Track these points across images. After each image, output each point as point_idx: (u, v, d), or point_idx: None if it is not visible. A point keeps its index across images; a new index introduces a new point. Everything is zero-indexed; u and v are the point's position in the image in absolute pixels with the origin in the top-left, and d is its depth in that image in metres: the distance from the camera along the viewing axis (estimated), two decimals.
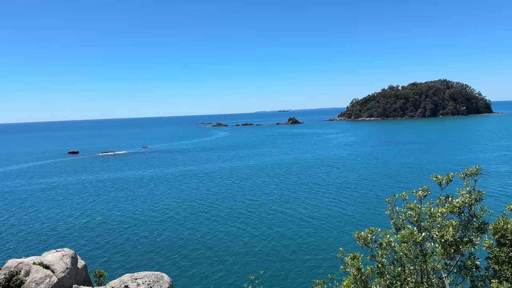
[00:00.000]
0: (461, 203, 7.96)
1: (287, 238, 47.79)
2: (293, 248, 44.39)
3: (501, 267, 7.05)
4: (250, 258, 42.14)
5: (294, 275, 37.59)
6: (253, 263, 40.68)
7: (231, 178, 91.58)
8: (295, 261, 40.84)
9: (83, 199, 74.83)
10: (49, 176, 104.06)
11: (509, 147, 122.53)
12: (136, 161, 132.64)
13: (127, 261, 42.54)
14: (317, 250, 43.54)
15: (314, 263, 39.98)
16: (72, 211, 65.64)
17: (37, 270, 21.23)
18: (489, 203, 25.74)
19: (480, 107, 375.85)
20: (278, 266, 39.67)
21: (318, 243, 45.55)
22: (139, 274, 22.64)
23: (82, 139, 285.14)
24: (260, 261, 41.30)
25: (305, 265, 39.65)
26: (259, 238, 48.46)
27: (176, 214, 61.00)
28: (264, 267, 39.25)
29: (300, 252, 43.21)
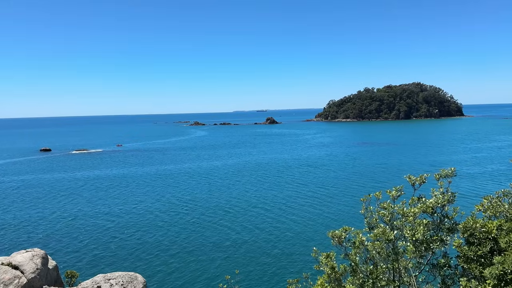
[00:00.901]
0: (434, 204, 8.14)
1: (264, 238, 47.91)
2: (269, 248, 44.53)
3: (470, 265, 7.24)
4: (226, 258, 42.03)
5: (270, 275, 37.71)
6: (229, 263, 40.59)
7: (209, 177, 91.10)
8: (271, 260, 40.97)
9: (55, 198, 72.91)
10: (19, 174, 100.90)
11: (479, 149, 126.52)
12: (110, 159, 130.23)
13: (100, 262, 41.71)
14: (293, 249, 43.81)
15: (290, 262, 40.22)
16: (44, 210, 63.88)
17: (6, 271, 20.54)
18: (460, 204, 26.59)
19: (452, 110, 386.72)
20: (254, 266, 39.71)
21: (294, 242, 45.84)
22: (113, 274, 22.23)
23: (55, 136, 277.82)
24: (236, 260, 41.25)
25: (281, 264, 39.84)
26: (235, 238, 48.39)
27: (151, 214, 60.23)
28: (240, 266, 39.21)
29: (276, 251, 43.38)
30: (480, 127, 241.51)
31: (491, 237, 7.14)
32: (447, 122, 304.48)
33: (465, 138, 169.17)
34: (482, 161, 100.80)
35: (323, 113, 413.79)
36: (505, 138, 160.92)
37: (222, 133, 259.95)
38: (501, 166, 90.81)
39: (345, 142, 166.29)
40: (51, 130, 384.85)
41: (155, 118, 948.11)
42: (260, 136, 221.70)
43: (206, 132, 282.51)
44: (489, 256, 7.14)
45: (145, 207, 64.29)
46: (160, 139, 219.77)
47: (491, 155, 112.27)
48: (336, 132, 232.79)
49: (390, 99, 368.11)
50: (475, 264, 7.24)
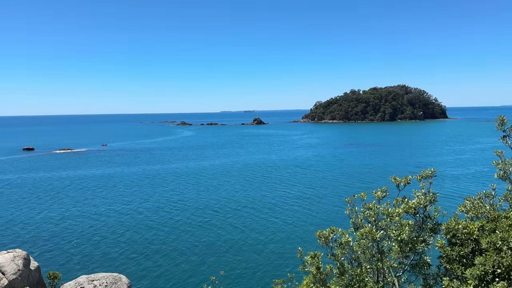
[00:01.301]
0: (417, 204, 8.26)
1: (252, 238, 47.88)
2: (258, 248, 44.52)
3: (452, 265, 7.35)
4: (214, 259, 41.88)
5: (257, 275, 37.70)
6: (216, 264, 40.44)
7: (197, 177, 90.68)
8: (259, 260, 40.97)
9: (37, 198, 71.70)
10: (1, 173, 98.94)
11: (463, 151, 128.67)
12: (95, 159, 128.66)
13: (83, 262, 41.14)
14: (281, 249, 43.88)
15: (277, 262, 40.28)
16: (25, 210, 62.73)
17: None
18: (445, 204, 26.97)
19: (436, 112, 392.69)
20: (241, 266, 39.66)
21: (283, 243, 45.92)
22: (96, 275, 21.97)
23: (38, 135, 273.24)
24: (224, 261, 41.14)
25: (269, 265, 39.87)
26: (224, 238, 48.25)
27: (137, 214, 59.68)
28: (225, 267, 39.11)
29: (264, 251, 43.40)
30: (464, 129, 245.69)
31: (472, 238, 7.27)
32: (431, 124, 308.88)
33: (449, 140, 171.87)
34: (466, 163, 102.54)
35: (309, 114, 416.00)
36: (488, 140, 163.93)
37: (209, 134, 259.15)
38: (484, 167, 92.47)
39: (332, 143, 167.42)
40: (36, 129, 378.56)
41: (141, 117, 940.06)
42: (247, 137, 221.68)
43: (193, 132, 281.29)
44: (471, 256, 7.26)
45: (131, 207, 63.68)
46: (146, 139, 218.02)
47: (474, 157, 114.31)
48: (323, 133, 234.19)
49: (376, 101, 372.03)
50: (457, 264, 7.36)
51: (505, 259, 6.49)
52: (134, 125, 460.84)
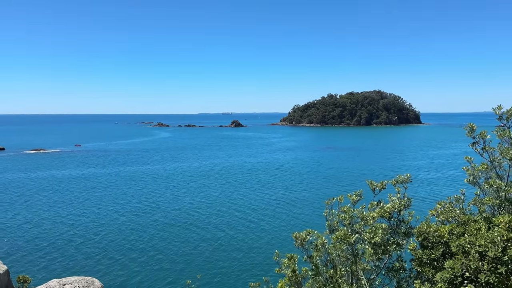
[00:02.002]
0: (391, 209, 8.43)
1: (229, 241, 47.70)
2: (235, 251, 44.39)
3: (423, 268, 7.53)
4: (189, 262, 41.51)
5: (233, 278, 37.59)
6: (192, 267, 40.10)
7: (175, 179, 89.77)
8: (236, 263, 40.86)
9: (7, 199, 69.42)
10: None
11: (437, 156, 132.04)
12: (69, 160, 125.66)
13: (55, 266, 40.06)
14: (258, 252, 43.89)
15: (254, 266, 40.27)
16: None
17: None
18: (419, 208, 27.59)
19: (410, 117, 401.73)
20: (218, 270, 39.45)
21: (260, 245, 45.95)
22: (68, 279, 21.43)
23: (9, 134, 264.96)
24: (200, 264, 40.82)
25: (245, 267, 39.81)
26: (200, 241, 47.89)
27: (111, 217, 58.57)
28: (202, 271, 38.84)
29: (241, 254, 43.31)
30: (437, 134, 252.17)
31: (443, 241, 7.48)
32: (406, 129, 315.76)
33: (423, 145, 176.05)
34: (439, 167, 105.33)
35: (287, 118, 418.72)
36: (461, 145, 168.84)
37: (187, 135, 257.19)
38: (457, 172, 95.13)
39: (310, 147, 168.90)
40: (12, 128, 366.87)
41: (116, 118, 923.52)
42: (226, 139, 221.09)
43: (171, 133, 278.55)
44: (441, 259, 7.47)
45: (105, 210, 62.45)
46: (122, 140, 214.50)
47: (447, 161, 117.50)
48: (301, 136, 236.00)
49: (352, 106, 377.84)
50: (428, 267, 7.55)
51: (472, 262, 6.71)
52: (110, 125, 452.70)
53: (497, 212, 8.30)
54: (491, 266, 6.58)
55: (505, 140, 8.26)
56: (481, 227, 7.30)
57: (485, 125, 11.13)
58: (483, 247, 6.71)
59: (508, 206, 8.15)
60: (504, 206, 8.17)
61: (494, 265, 6.57)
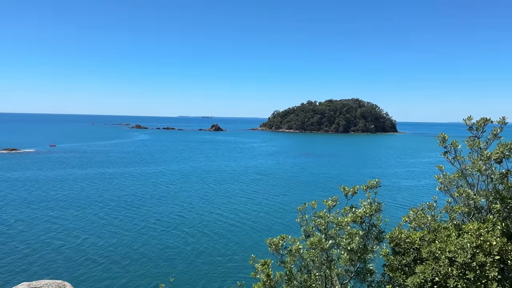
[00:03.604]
0: (363, 213, 8.58)
1: (205, 245, 47.33)
2: (211, 255, 44.08)
3: (395, 274, 7.69)
4: (163, 265, 40.97)
5: (208, 282, 37.29)
6: (166, 270, 39.58)
7: (154, 182, 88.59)
8: (211, 267, 40.57)
9: None
10: None
11: (414, 164, 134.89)
12: (43, 160, 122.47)
13: (25, 269, 38.86)
14: (233, 256, 43.72)
15: (229, 270, 40.07)
16: None
17: None
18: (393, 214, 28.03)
19: (387, 126, 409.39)
20: (192, 273, 39.08)
21: (237, 249, 45.77)
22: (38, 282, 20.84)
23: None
24: (174, 268, 40.35)
25: (220, 271, 39.56)
26: (175, 245, 47.36)
27: (87, 219, 57.30)
28: (176, 274, 38.41)
29: (217, 258, 43.03)
30: (413, 143, 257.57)
31: (414, 247, 7.66)
32: (383, 137, 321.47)
33: (400, 153, 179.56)
34: (416, 175, 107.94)
35: (267, 123, 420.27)
36: (436, 154, 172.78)
37: (166, 138, 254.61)
38: (432, 180, 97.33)
39: (291, 152, 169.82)
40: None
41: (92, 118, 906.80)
42: (206, 143, 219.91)
43: (149, 136, 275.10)
44: (413, 265, 7.64)
45: (82, 212, 61.06)
46: (99, 141, 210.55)
47: (423, 169, 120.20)
48: (281, 142, 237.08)
49: (331, 113, 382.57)
50: (399, 272, 7.71)
51: (442, 268, 6.89)
52: (86, 126, 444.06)
53: (466, 219, 8.55)
54: (460, 271, 6.78)
55: (474, 150, 8.54)
56: (451, 233, 7.51)
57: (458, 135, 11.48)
58: (453, 253, 6.91)
59: (477, 214, 8.41)
60: (473, 214, 8.42)
61: (463, 271, 6.76)
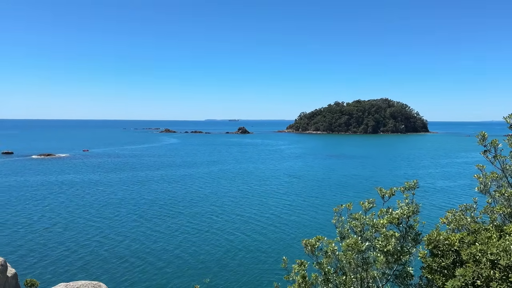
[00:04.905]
0: (400, 215, 8.44)
1: (239, 246, 47.54)
2: (244, 257, 44.28)
3: (434, 276, 7.52)
4: (198, 267, 41.47)
5: (242, 283, 37.45)
6: (200, 272, 40.05)
7: (185, 185, 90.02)
8: (245, 269, 40.74)
9: (16, 203, 70.02)
10: None
11: (448, 164, 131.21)
12: (77, 165, 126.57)
13: (63, 270, 40.24)
14: (267, 258, 43.74)
15: (264, 272, 40.11)
16: (3, 216, 61.15)
17: None
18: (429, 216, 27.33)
19: (417, 126, 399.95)
20: (227, 274, 39.36)
21: (269, 252, 45.77)
22: (75, 283, 21.54)
23: (19, 139, 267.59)
24: (209, 269, 40.76)
25: (255, 274, 39.65)
26: (209, 246, 47.82)
27: (117, 222, 58.79)
28: (210, 275, 38.78)
29: (251, 260, 43.18)
30: (446, 143, 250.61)
31: (453, 249, 7.47)
32: (414, 138, 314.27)
33: (433, 153, 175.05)
34: (451, 176, 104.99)
35: (294, 125, 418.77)
36: (472, 154, 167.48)
37: (195, 141, 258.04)
38: (469, 181, 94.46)
39: (319, 154, 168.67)
40: (16, 133, 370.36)
41: (124, 123, 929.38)
42: (234, 146, 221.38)
43: (178, 139, 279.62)
44: (452, 267, 7.45)
45: (114, 215, 62.70)
46: (130, 145, 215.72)
47: (459, 170, 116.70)
48: (309, 144, 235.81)
49: (359, 114, 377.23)
50: (438, 275, 7.54)
51: (484, 271, 6.70)
52: (117, 131, 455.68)
53: (508, 221, 8.27)
54: (503, 274, 6.57)
55: None
56: (492, 235, 7.28)
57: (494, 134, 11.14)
58: (495, 256, 6.70)
59: None
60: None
61: (506, 274, 6.55)
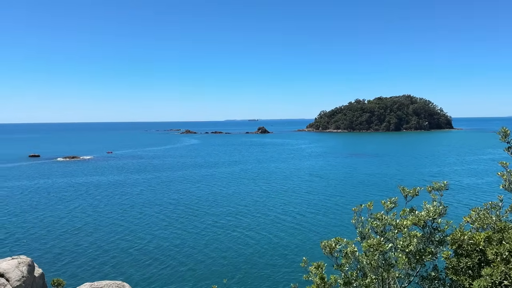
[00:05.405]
0: (426, 216, 8.19)
1: (265, 246, 47.57)
2: (271, 256, 44.30)
3: (459, 277, 7.29)
4: (216, 267, 41.71)
5: (272, 283, 37.43)
6: (220, 271, 40.26)
7: (209, 185, 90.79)
8: (265, 269, 40.71)
9: (42, 205, 71.99)
10: (7, 180, 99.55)
11: (475, 161, 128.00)
12: (102, 166, 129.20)
13: (87, 270, 41.13)
14: (295, 258, 43.61)
15: (293, 271, 40.01)
16: (30, 217, 62.98)
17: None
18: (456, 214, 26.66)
19: (441, 122, 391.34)
20: (246, 274, 39.43)
21: (296, 252, 45.61)
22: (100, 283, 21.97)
23: (44, 142, 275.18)
24: (227, 269, 40.93)
25: (282, 273, 39.58)
26: (235, 246, 48.02)
27: (142, 222, 59.69)
28: (229, 275, 38.92)
29: (277, 260, 43.14)
30: (471, 140, 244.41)
31: (478, 249, 7.22)
32: (438, 135, 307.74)
33: (458, 150, 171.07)
34: (478, 173, 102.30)
35: (314, 124, 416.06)
36: (498, 151, 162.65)
37: (215, 142, 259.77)
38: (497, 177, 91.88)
39: (341, 152, 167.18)
40: (40, 136, 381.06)
41: (146, 125, 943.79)
42: (254, 145, 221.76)
43: (199, 140, 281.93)
44: (477, 268, 7.21)
45: (137, 215, 63.70)
46: (152, 147, 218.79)
47: (486, 167, 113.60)
48: (330, 142, 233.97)
49: (381, 111, 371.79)
50: (463, 276, 7.30)
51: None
52: (140, 133, 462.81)
53: None
54: None
55: None
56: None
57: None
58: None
59: None
60: None
61: None
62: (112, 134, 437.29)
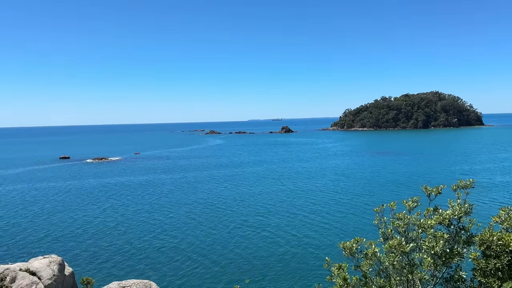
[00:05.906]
0: (451, 215, 7.95)
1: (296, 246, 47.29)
2: (303, 256, 44.06)
3: (487, 279, 7.02)
4: (248, 266, 41.81)
5: (305, 285, 37.30)
6: (251, 271, 40.33)
7: (235, 185, 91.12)
8: (288, 269, 40.54)
9: (73, 205, 74.07)
10: (41, 181, 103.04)
11: (508, 159, 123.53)
12: (131, 167, 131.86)
13: (116, 269, 42.03)
14: (317, 258, 43.31)
15: (314, 271, 39.76)
16: (62, 217, 64.91)
17: (23, 277, 20.91)
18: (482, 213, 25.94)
19: (471, 119, 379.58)
20: (269, 274, 39.37)
21: (328, 252, 45.24)
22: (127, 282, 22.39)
23: (73, 144, 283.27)
24: (260, 269, 40.96)
25: (315, 274, 39.37)
26: (265, 245, 47.94)
27: (170, 222, 60.52)
28: (253, 275, 38.94)
29: (310, 261, 42.88)
30: (504, 136, 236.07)
31: (508, 250, 6.93)
32: (468, 131, 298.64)
33: (490, 147, 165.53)
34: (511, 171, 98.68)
35: (339, 122, 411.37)
36: None
37: (240, 142, 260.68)
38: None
39: (367, 151, 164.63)
40: (67, 139, 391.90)
41: (171, 126, 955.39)
42: (278, 145, 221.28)
43: (223, 140, 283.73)
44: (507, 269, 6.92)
45: (165, 215, 64.63)
46: (178, 147, 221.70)
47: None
48: (356, 141, 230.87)
49: (408, 108, 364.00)
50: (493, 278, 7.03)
51: None
52: (165, 134, 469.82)
53: None
54: None
55: None
56: None
57: None
58: None
59: None
60: None
61: None
62: (137, 135, 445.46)
